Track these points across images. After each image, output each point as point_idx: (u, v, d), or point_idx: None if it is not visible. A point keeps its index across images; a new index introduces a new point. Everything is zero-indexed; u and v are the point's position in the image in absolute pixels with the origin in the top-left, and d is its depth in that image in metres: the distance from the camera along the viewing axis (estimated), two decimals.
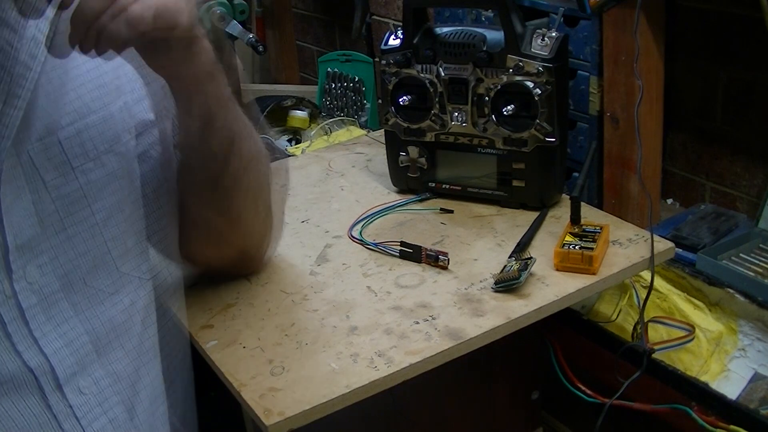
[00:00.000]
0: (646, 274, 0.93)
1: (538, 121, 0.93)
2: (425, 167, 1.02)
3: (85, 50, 0.55)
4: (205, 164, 0.70)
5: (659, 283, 0.99)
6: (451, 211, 1.00)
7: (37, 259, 0.58)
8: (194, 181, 0.71)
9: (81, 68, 0.61)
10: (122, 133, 0.64)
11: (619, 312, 0.98)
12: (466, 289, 0.83)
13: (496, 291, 0.82)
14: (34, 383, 0.58)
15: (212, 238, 0.77)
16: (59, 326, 0.59)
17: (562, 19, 1.08)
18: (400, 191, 1.06)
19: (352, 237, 0.95)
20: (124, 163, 0.64)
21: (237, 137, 0.70)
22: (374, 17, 1.80)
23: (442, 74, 0.97)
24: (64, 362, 0.59)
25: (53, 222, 0.59)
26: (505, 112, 0.94)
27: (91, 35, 0.54)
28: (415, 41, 0.98)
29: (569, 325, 0.92)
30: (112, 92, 0.63)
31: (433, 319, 0.78)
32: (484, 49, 0.94)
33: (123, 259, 0.64)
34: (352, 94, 1.84)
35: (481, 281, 0.84)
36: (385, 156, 1.06)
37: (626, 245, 0.88)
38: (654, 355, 0.83)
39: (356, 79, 1.83)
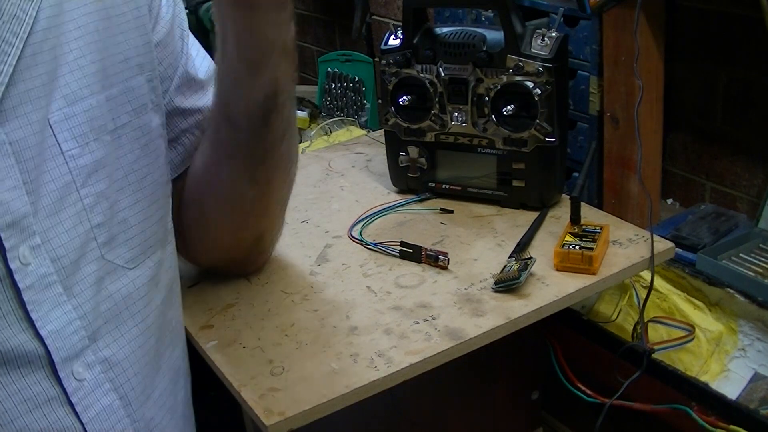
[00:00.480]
0: (646, 274, 0.93)
1: (538, 121, 0.93)
2: (425, 167, 1.02)
3: None
4: (258, 140, 0.72)
5: (659, 283, 0.99)
6: (451, 211, 1.00)
7: (30, 240, 0.58)
8: (238, 155, 0.74)
9: (69, 56, 0.62)
10: (108, 122, 0.64)
11: (619, 312, 0.98)
12: (466, 289, 0.83)
13: (496, 291, 0.82)
14: (30, 366, 0.58)
15: (239, 217, 0.79)
16: (54, 309, 0.59)
17: (562, 19, 1.08)
18: (400, 191, 1.06)
19: (352, 237, 0.95)
20: (110, 152, 0.64)
21: (293, 120, 0.74)
22: (374, 17, 1.80)
23: (442, 74, 0.97)
24: (58, 346, 0.59)
25: (46, 205, 0.59)
26: (505, 112, 0.94)
27: None
28: (415, 41, 0.98)
29: (569, 325, 0.92)
30: (99, 82, 0.64)
31: (433, 319, 0.78)
32: (484, 49, 0.94)
33: (107, 246, 0.64)
34: (352, 94, 1.85)
35: (481, 281, 0.84)
36: (385, 156, 1.06)
37: (626, 245, 0.88)
38: (654, 355, 0.83)
39: (356, 79, 1.83)
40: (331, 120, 1.67)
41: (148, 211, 0.69)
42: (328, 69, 1.89)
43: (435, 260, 0.87)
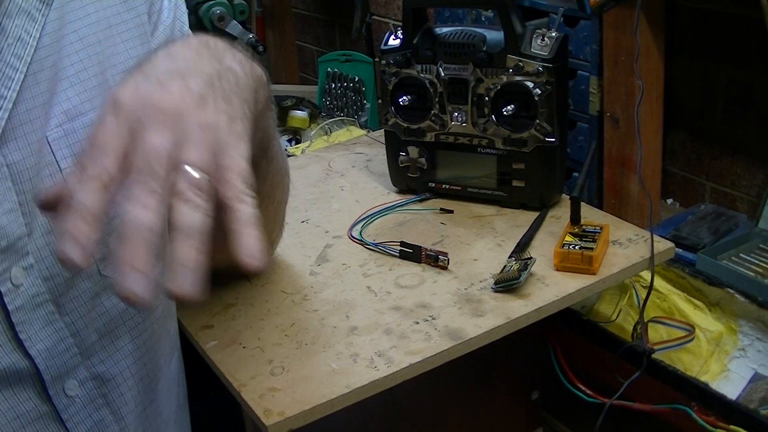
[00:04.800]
0: (646, 274, 0.93)
1: (538, 121, 0.93)
2: (425, 167, 1.02)
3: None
4: None
5: (659, 283, 0.99)
6: (451, 211, 1.00)
7: (23, 260, 0.57)
8: None
9: (69, 70, 0.60)
10: None
11: (619, 312, 0.98)
12: (466, 289, 0.83)
13: (496, 291, 0.82)
14: (21, 384, 0.58)
15: (221, 243, 0.77)
16: (44, 328, 0.59)
17: (562, 19, 1.08)
18: (400, 191, 1.06)
19: (352, 237, 0.95)
20: None
21: (278, 152, 0.70)
22: (374, 17, 1.80)
23: (442, 74, 0.97)
24: (49, 364, 0.59)
25: (41, 223, 0.58)
26: (505, 112, 0.94)
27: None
28: (415, 41, 0.98)
29: (569, 325, 0.92)
30: (101, 94, 0.62)
31: (433, 319, 0.78)
32: (484, 49, 0.94)
33: (105, 262, 0.63)
34: (352, 94, 1.85)
35: (481, 281, 0.84)
36: (385, 156, 1.06)
37: (626, 245, 0.88)
38: (654, 355, 0.83)
39: (356, 79, 1.83)
40: (331, 120, 1.67)
41: None
42: (328, 69, 1.89)
43: (435, 260, 0.87)
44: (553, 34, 0.92)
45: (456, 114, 0.98)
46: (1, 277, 0.55)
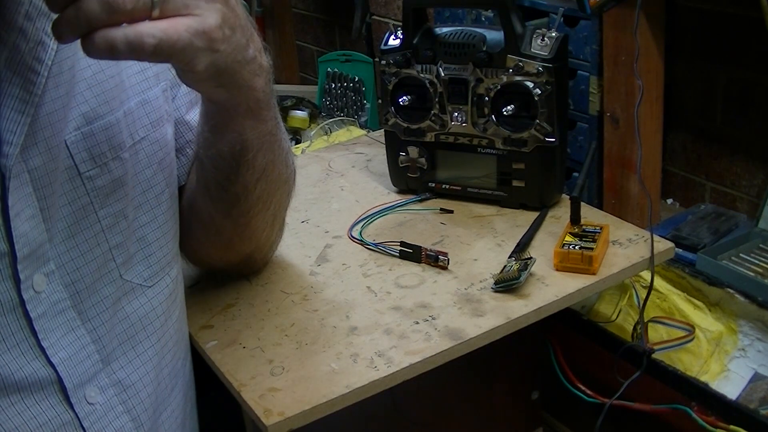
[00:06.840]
0: (646, 274, 0.93)
1: (537, 121, 0.93)
2: (425, 167, 1.02)
3: (63, 39, 0.48)
4: (228, 186, 0.69)
5: (659, 283, 0.99)
6: (451, 211, 1.00)
7: (44, 267, 0.57)
8: (212, 193, 0.71)
9: (87, 71, 0.60)
10: (127, 138, 0.63)
11: (619, 312, 0.98)
12: (466, 289, 0.83)
13: (496, 291, 0.82)
14: (44, 392, 0.57)
15: (221, 243, 0.77)
16: (66, 335, 0.58)
17: (562, 19, 1.08)
18: (400, 191, 1.06)
19: (352, 237, 0.95)
20: (129, 169, 0.63)
21: (269, 165, 0.69)
22: (374, 17, 1.80)
23: (442, 74, 0.97)
24: (71, 372, 0.59)
25: (61, 229, 0.58)
26: (504, 112, 0.94)
27: (73, 23, 0.47)
28: (414, 41, 0.98)
29: (569, 325, 0.92)
30: (117, 97, 0.62)
31: (433, 319, 0.78)
32: (484, 49, 0.94)
33: (126, 266, 0.63)
34: (352, 94, 1.85)
35: (481, 281, 0.84)
36: (385, 156, 1.06)
37: (626, 245, 0.88)
38: (654, 355, 0.83)
39: (356, 79, 1.84)
40: (331, 120, 1.68)
41: (165, 226, 0.68)
42: (328, 69, 1.89)
43: (435, 260, 0.87)
44: (553, 34, 0.92)
45: (456, 114, 0.98)
46: (24, 284, 0.55)
